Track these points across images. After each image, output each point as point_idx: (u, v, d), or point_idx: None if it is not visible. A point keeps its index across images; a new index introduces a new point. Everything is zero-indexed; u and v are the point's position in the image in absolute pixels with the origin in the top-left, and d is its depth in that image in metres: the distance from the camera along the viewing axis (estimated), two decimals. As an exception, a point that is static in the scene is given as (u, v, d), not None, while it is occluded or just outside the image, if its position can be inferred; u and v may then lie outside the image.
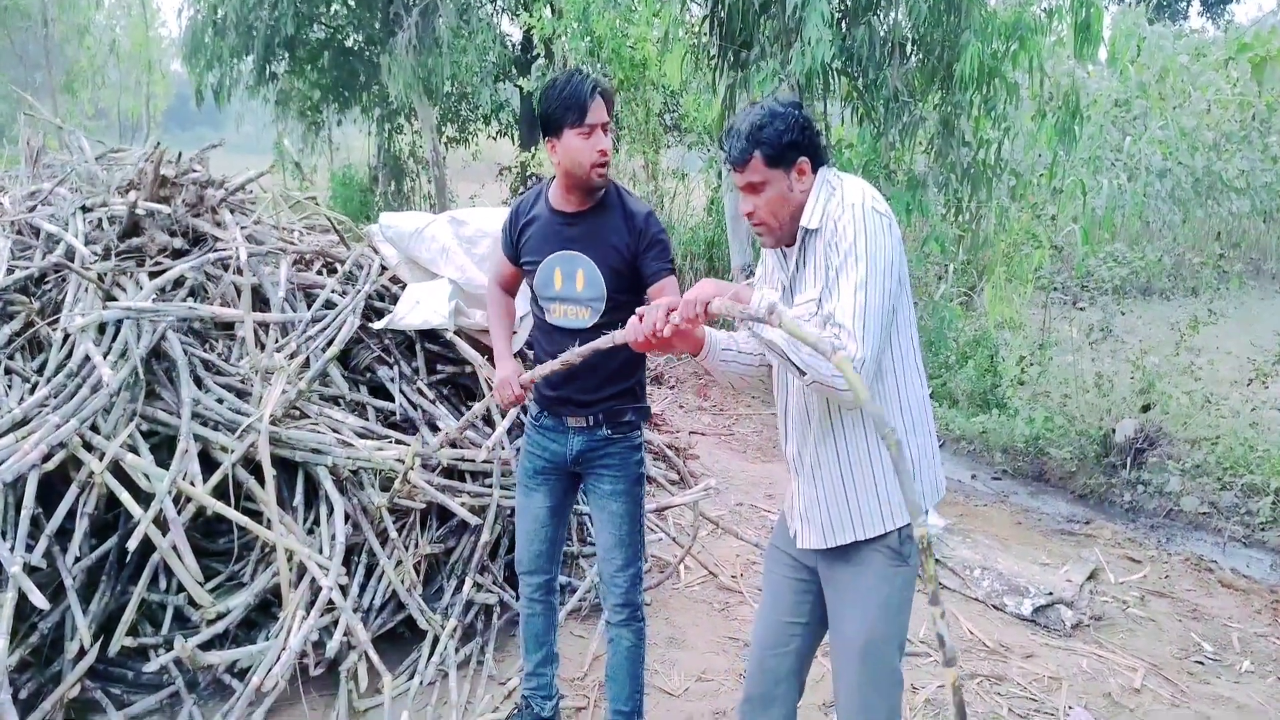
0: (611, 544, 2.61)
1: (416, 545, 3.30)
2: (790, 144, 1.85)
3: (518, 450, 3.02)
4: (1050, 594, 3.87)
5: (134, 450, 2.88)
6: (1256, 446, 5.14)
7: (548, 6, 11.09)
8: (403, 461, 3.07)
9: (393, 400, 3.50)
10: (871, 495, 1.94)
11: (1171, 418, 5.53)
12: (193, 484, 2.86)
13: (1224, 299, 6.40)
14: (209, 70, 12.07)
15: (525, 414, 2.71)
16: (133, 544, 2.67)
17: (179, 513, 2.87)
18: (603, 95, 2.34)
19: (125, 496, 2.71)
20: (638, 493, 2.64)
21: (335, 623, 2.96)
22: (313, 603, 2.91)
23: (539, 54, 10.26)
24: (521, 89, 11.03)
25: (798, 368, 1.76)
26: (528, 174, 11.22)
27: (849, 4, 7.10)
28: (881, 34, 7.02)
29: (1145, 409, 5.51)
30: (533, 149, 11.68)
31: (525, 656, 2.85)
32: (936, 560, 4.18)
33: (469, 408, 3.62)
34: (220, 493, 2.98)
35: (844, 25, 7.00)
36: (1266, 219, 12.43)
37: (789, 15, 6.46)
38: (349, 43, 13.66)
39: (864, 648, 1.97)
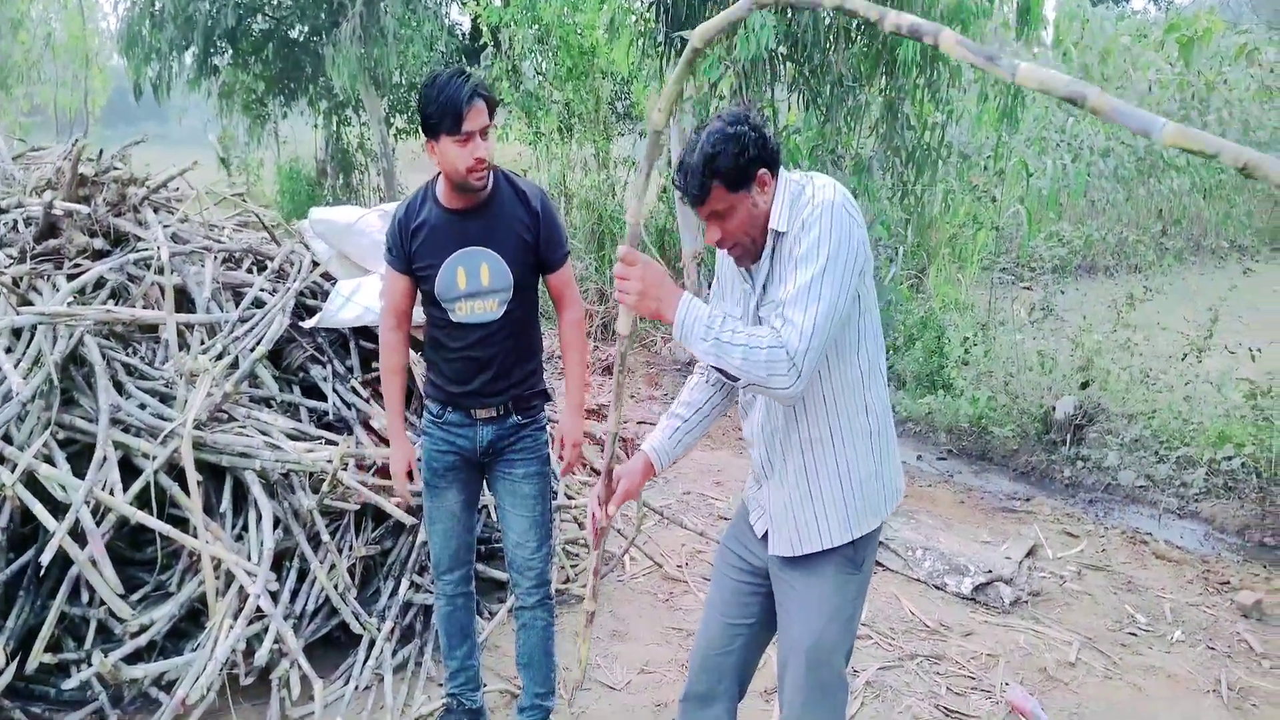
0: (526, 527, 2.63)
1: (351, 548, 3.26)
2: (748, 162, 1.76)
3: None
4: (990, 572, 3.93)
5: (50, 460, 2.81)
6: (1191, 419, 5.26)
7: (495, -6, 10.97)
8: (332, 462, 3.03)
9: (326, 400, 3.44)
10: (839, 506, 1.92)
11: (1110, 394, 5.63)
12: (112, 493, 2.79)
13: (1162, 275, 6.53)
14: (147, 64, 11.77)
15: (424, 412, 2.67)
16: (46, 557, 2.60)
17: (99, 523, 2.80)
18: (484, 99, 2.30)
19: (39, 509, 2.64)
20: (547, 472, 2.67)
21: (266, 630, 2.91)
22: (241, 611, 2.86)
23: (486, 43, 10.12)
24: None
25: (732, 375, 1.75)
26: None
27: (791, -11, 7.09)
28: (826, 19, 7.04)
29: (1084, 386, 5.60)
30: (482, 139, 11.55)
31: (448, 654, 2.83)
32: (880, 542, 4.21)
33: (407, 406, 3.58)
34: (144, 501, 2.92)
35: (789, 11, 7.00)
36: (1206, 196, 12.70)
37: (732, 2, 6.43)
38: (293, 34, 13.38)
39: (811, 653, 1.96)
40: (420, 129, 2.37)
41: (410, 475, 2.68)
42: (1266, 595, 3.84)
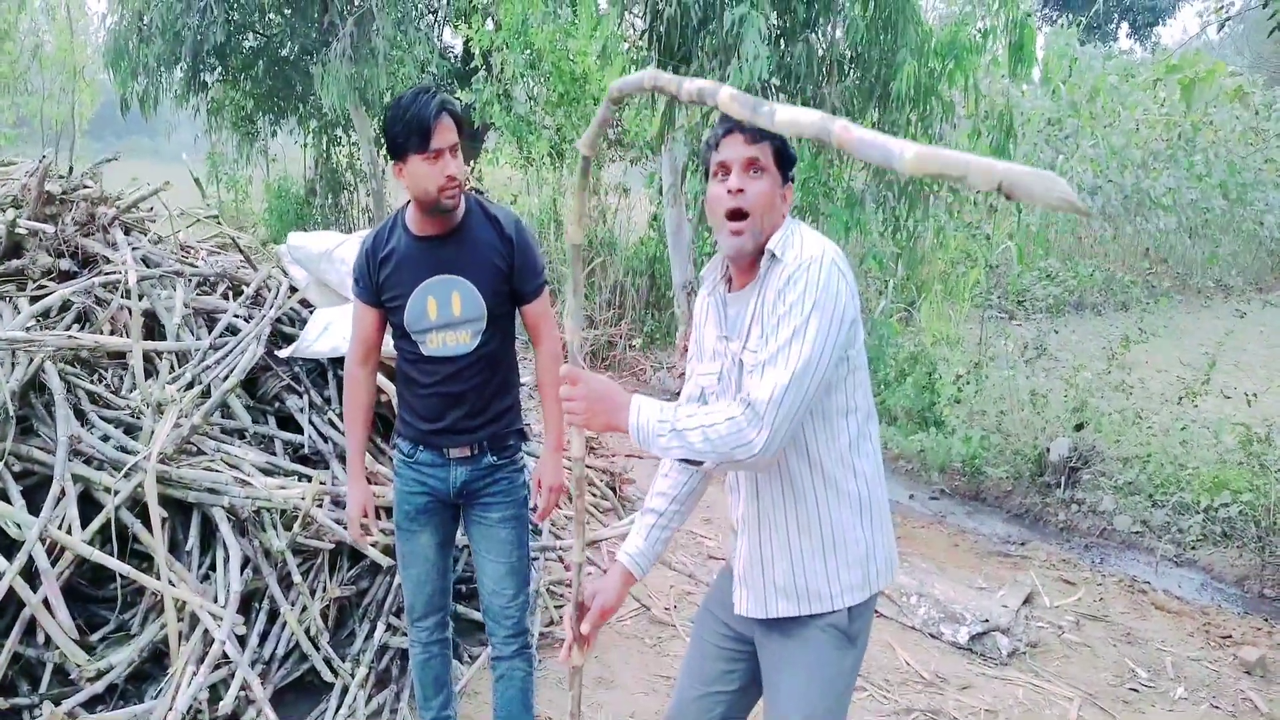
0: (502, 573, 2.50)
1: (325, 588, 3.10)
2: (792, 158, 1.78)
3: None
4: (986, 621, 3.81)
5: (3, 493, 2.64)
6: (1186, 464, 5.18)
7: (489, 19, 10.93)
8: (314, 499, 2.88)
9: (302, 432, 3.29)
10: (819, 570, 1.78)
11: (1104, 435, 5.55)
12: (69, 530, 2.63)
13: (1154, 315, 6.49)
14: (133, 78, 11.62)
15: (395, 451, 2.53)
16: (-4, 600, 2.43)
17: (55, 561, 2.64)
18: (451, 115, 2.21)
19: (-10, 547, 2.47)
20: (525, 516, 2.54)
21: (232, 676, 2.75)
22: (205, 656, 2.70)
23: (478, 66, 10.06)
24: (461, 101, 10.82)
25: (699, 461, 1.65)
26: (467, 187, 10.97)
27: (787, 22, 7.07)
28: (819, 52, 7.01)
29: (1079, 427, 5.52)
30: (472, 163, 11.48)
31: (424, 705, 2.69)
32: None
33: (385, 439, 3.44)
34: (106, 537, 2.76)
35: (782, 42, 6.97)
36: (1192, 235, 12.77)
37: (727, 31, 6.40)
38: (284, 52, 13.29)
39: None
40: (388, 152, 2.26)
41: (366, 526, 2.54)
42: (1269, 651, 3.74)
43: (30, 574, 2.64)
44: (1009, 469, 5.52)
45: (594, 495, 4.37)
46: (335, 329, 3.07)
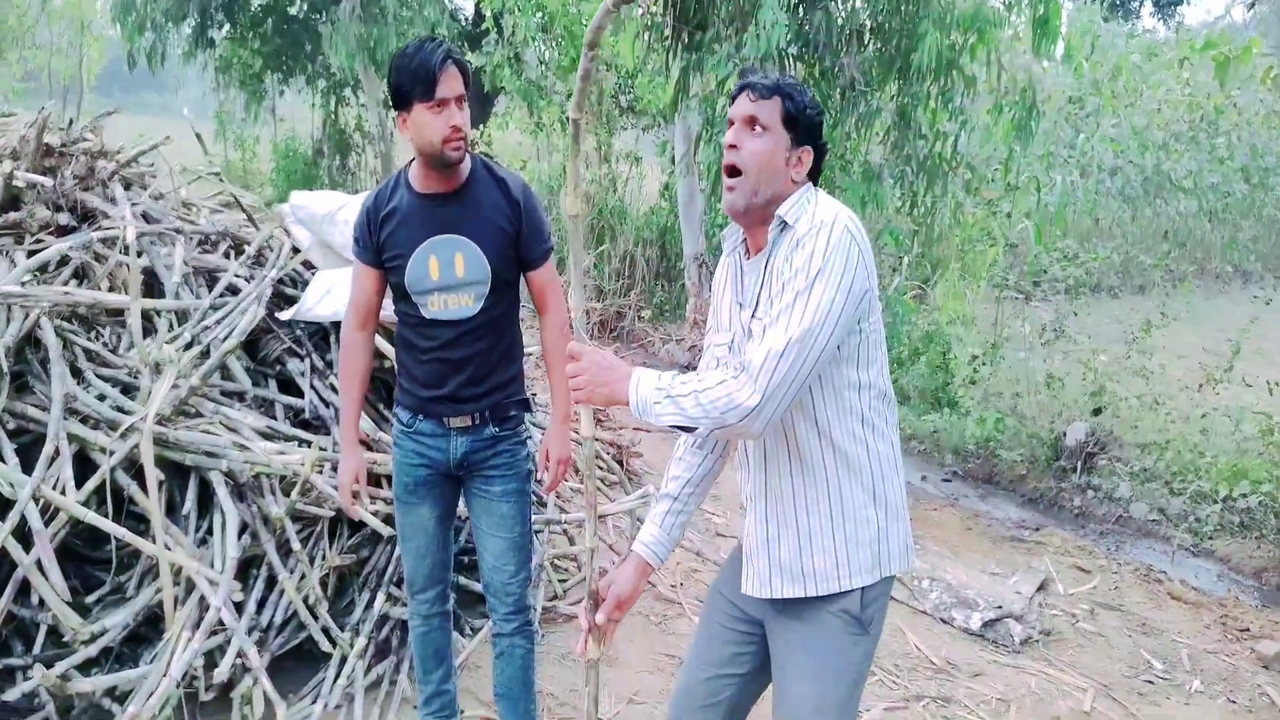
0: (503, 549, 2.42)
1: (324, 556, 3.03)
2: (810, 122, 1.68)
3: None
4: (999, 607, 3.73)
5: (-4, 452, 2.56)
6: (1205, 452, 5.08)
7: (501, -20, 10.71)
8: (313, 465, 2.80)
9: (303, 396, 3.20)
10: (828, 549, 1.71)
11: (1122, 421, 5.45)
12: (63, 490, 2.56)
13: (1175, 300, 6.36)
14: (140, 33, 11.44)
15: (395, 421, 2.45)
16: (-14, 561, 2.35)
17: (49, 522, 2.56)
18: (456, 65, 2.12)
19: (-21, 506, 2.40)
20: (528, 490, 2.47)
21: (228, 643, 2.68)
22: (201, 622, 2.63)
23: (489, 29, 9.86)
24: (471, 64, 10.64)
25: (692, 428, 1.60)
26: (475, 151, 10.83)
27: (807, -13, 6.88)
28: (839, 20, 6.83)
29: (1096, 412, 5.42)
30: (482, 127, 11.31)
31: (423, 678, 2.62)
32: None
33: (388, 405, 3.35)
34: (102, 498, 2.69)
35: (801, 10, 6.79)
36: (1212, 219, 12.57)
37: (744, -3, 6.22)
38: (293, 9, 13.08)
39: (813, 717, 1.74)
40: (391, 103, 2.16)
41: (358, 493, 2.46)
42: (1289, 645, 3.66)
43: (24, 534, 2.57)
44: (1024, 452, 5.43)
45: (601, 469, 4.29)
46: (337, 292, 2.97)
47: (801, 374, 1.55)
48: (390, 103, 2.19)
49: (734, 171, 1.69)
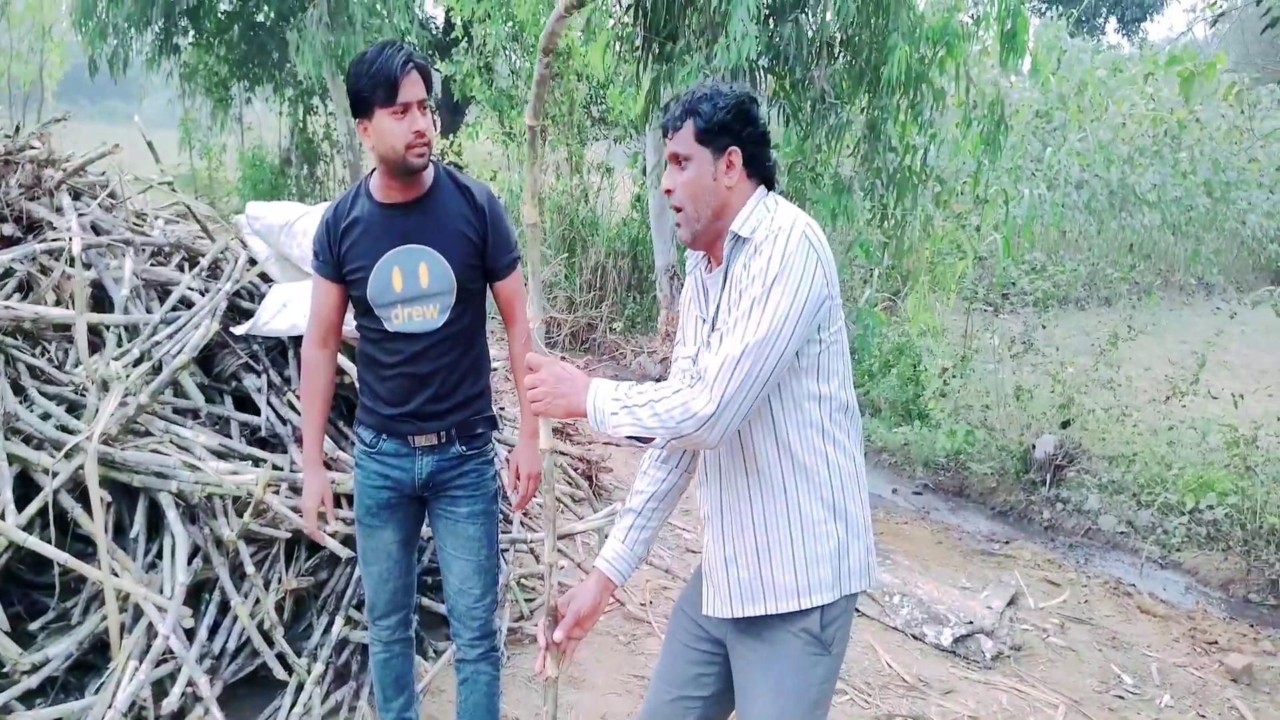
0: (469, 572, 2.34)
1: (280, 580, 2.93)
2: (724, 124, 1.64)
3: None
4: (970, 623, 3.70)
5: (-69, 474, 2.45)
6: (1172, 464, 5.10)
7: (471, -11, 10.64)
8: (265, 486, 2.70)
9: (260, 413, 3.10)
10: (787, 564, 1.66)
11: (1090, 433, 5.46)
12: (3, 515, 2.44)
13: (1141, 312, 6.41)
14: (102, 39, 11.22)
15: (357, 441, 2.37)
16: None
17: (-14, 547, 2.45)
18: (418, 69, 2.07)
19: (-89, 532, 2.28)
20: (495, 511, 2.39)
21: (180, 670, 2.58)
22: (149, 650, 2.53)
23: (459, 38, 9.78)
24: (441, 73, 10.55)
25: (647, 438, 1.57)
26: (445, 161, 10.74)
27: (776, 0, 6.89)
28: (809, 33, 6.83)
29: (1065, 425, 5.43)
30: (451, 136, 11.21)
31: (383, 706, 2.54)
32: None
33: (348, 422, 3.26)
34: (46, 522, 2.57)
35: (771, 22, 6.79)
36: (1176, 232, 12.75)
37: (714, 9, 6.21)
38: (259, 17, 12.90)
39: None
40: (351, 110, 2.10)
41: (323, 514, 2.37)
42: (1256, 659, 3.66)
43: (-41, 561, 2.46)
44: (994, 465, 5.42)
45: (568, 485, 4.22)
46: (294, 306, 2.88)
47: (758, 382, 1.52)
48: (351, 110, 2.11)
49: (678, 209, 1.70)
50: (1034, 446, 5.33)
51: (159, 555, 2.77)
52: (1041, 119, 11.70)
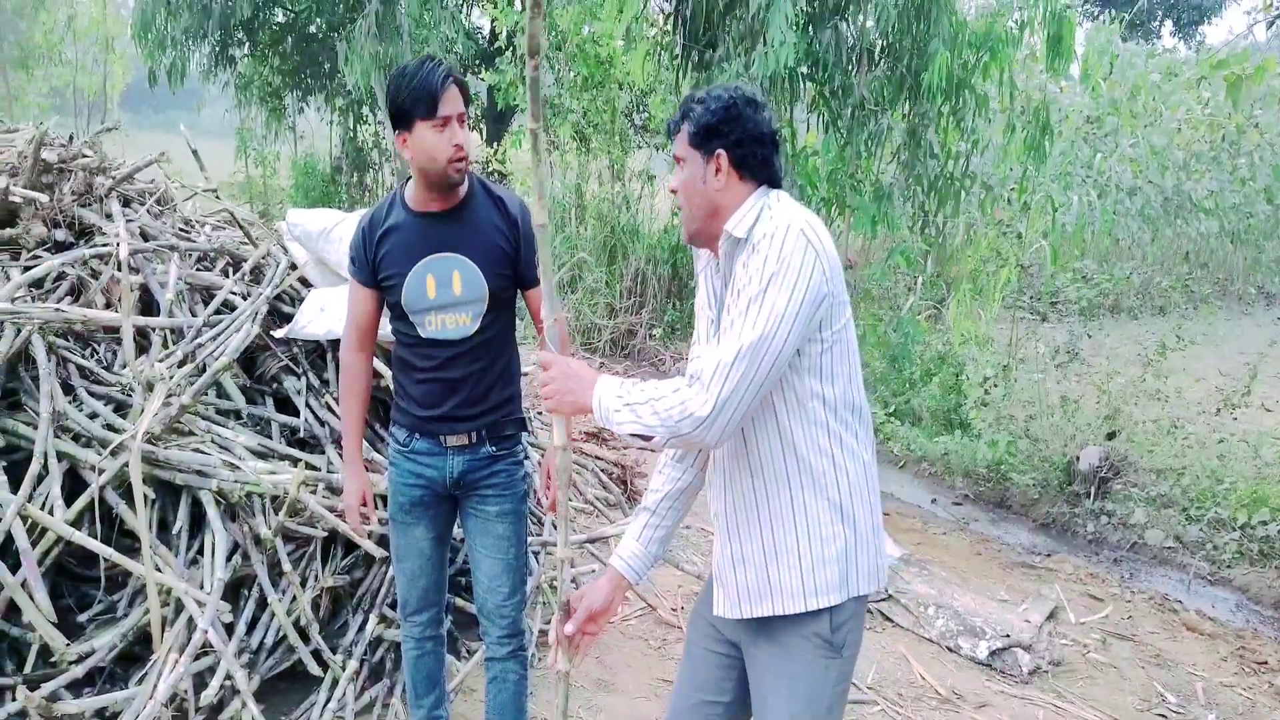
0: (498, 570, 2.39)
1: (317, 577, 2.99)
2: (709, 128, 1.65)
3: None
4: (1007, 636, 3.64)
5: (-16, 469, 2.55)
6: (1223, 478, 4.96)
7: (515, -1, 10.77)
8: (302, 485, 2.77)
9: (299, 414, 3.17)
10: (794, 565, 1.66)
11: (1137, 445, 5.33)
12: (51, 510, 2.53)
13: (1193, 322, 6.25)
14: (161, 51, 11.58)
15: (391, 441, 2.42)
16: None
17: (35, 543, 2.54)
18: (457, 84, 2.12)
19: (-37, 525, 2.38)
20: (524, 511, 2.44)
21: (218, 664, 2.65)
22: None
23: (503, 47, 9.90)
24: (485, 81, 10.69)
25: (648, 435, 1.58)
26: (489, 170, 10.87)
27: (816, 7, 6.86)
28: (849, 39, 6.80)
29: (1111, 436, 5.31)
30: (496, 144, 11.34)
31: (414, 702, 2.58)
32: (889, 596, 3.94)
33: (384, 424, 3.32)
34: (93, 517, 2.67)
35: (811, 29, 6.77)
36: (1234, 240, 12.40)
37: (753, 16, 6.21)
38: (311, 28, 13.20)
39: None
40: (391, 123, 2.14)
41: (364, 514, 2.44)
42: (1308, 679, 3.54)
43: (15, 553, 2.55)
44: (1036, 476, 5.32)
45: (601, 489, 4.24)
46: (331, 311, 2.95)
47: (755, 382, 1.52)
48: (391, 123, 2.16)
49: (681, 208, 1.74)
50: (1078, 458, 5.22)
51: (200, 552, 2.85)
52: (1092, 124, 11.46)
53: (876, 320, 7.49)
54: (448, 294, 2.22)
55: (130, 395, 2.88)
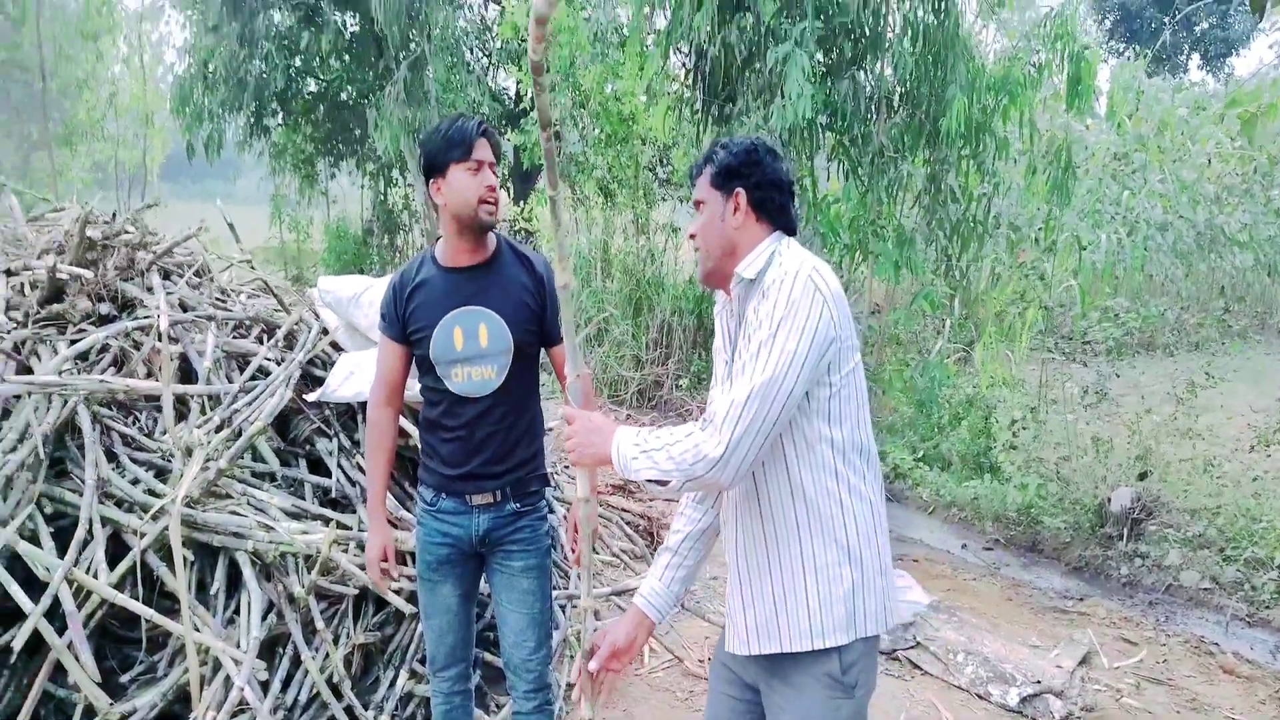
0: (524, 625, 2.44)
1: (349, 635, 3.06)
2: (730, 169, 1.76)
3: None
4: (1038, 682, 3.60)
5: (34, 535, 2.67)
6: (1260, 518, 4.87)
7: (540, 61, 11.05)
8: (333, 544, 2.86)
9: (331, 475, 3.28)
10: (802, 605, 1.71)
11: (1170, 485, 5.26)
12: (96, 573, 2.65)
13: (1227, 357, 6.19)
14: (198, 124, 12.06)
15: (418, 500, 2.50)
16: (18, 643, 2.44)
17: (80, 606, 2.65)
18: (487, 136, 2.26)
19: (14, 589, 2.49)
20: (548, 566, 2.49)
21: (254, 721, 2.72)
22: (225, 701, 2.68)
23: (528, 108, 10.18)
24: (512, 142, 10.97)
25: (664, 481, 1.63)
26: (516, 230, 11.10)
27: (833, 59, 7.01)
28: (867, 88, 6.93)
29: (1142, 476, 5.25)
30: (522, 203, 11.60)
31: None
32: (917, 644, 3.91)
33: (412, 483, 3.41)
34: (136, 580, 2.77)
35: (829, 80, 6.91)
36: (1271, 273, 12.23)
37: (771, 70, 6.37)
38: (343, 96, 13.69)
39: None
40: (425, 172, 2.27)
41: (384, 569, 2.49)
42: (1352, 723, 3.45)
43: (62, 615, 2.66)
44: (1068, 519, 5.27)
45: (627, 541, 4.28)
46: (360, 374, 3.06)
47: (767, 423, 1.57)
48: (425, 172, 2.28)
49: (698, 248, 1.82)
50: (1110, 499, 5.17)
51: (237, 611, 2.95)
52: (1120, 161, 11.45)
53: (904, 365, 7.50)
54: (474, 346, 2.31)
55: (170, 460, 3.01)
